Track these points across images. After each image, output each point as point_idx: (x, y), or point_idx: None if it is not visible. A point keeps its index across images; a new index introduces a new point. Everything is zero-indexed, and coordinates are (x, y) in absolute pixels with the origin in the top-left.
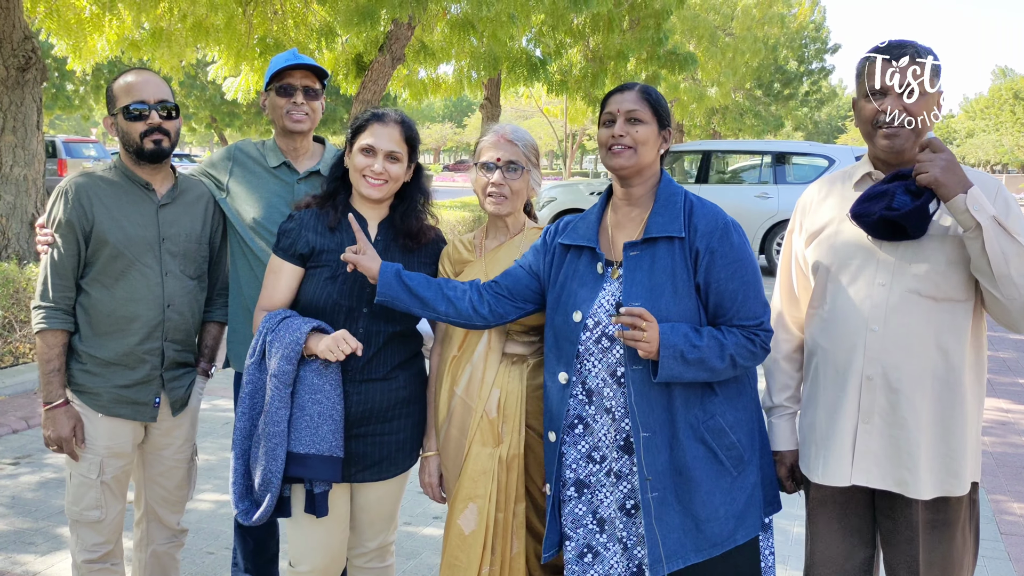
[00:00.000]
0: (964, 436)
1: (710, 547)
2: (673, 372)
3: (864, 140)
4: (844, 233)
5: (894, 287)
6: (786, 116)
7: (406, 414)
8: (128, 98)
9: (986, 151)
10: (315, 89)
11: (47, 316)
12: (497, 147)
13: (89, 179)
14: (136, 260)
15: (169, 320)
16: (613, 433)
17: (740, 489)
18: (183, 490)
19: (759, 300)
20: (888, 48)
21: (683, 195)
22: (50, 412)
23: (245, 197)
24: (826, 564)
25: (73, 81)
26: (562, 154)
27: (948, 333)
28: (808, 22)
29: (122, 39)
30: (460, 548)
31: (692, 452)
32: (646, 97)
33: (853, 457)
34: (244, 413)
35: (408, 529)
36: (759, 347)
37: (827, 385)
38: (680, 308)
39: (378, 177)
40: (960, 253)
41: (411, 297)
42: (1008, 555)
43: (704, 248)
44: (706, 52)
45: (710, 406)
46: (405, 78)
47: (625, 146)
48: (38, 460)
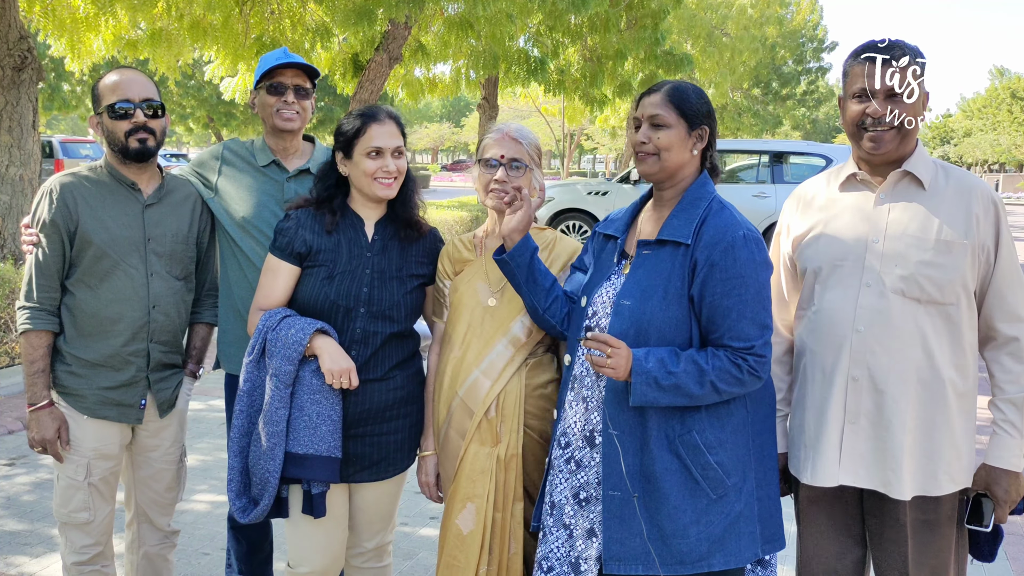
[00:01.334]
0: (947, 438)
1: (677, 563)
2: (647, 397)
3: (849, 140)
4: (831, 234)
5: (879, 288)
6: (784, 115)
7: (404, 414)
8: (113, 97)
9: (984, 150)
10: (306, 88)
11: (31, 317)
12: (502, 144)
13: (74, 179)
14: (121, 260)
15: (155, 321)
16: (582, 423)
17: (719, 513)
18: (173, 492)
19: (755, 322)
20: (875, 48)
21: (708, 201)
22: (34, 413)
23: (234, 196)
24: (817, 563)
25: (69, 81)
26: (560, 154)
27: (932, 335)
28: (805, 21)
29: (119, 39)
30: (458, 548)
31: (663, 463)
32: (671, 99)
33: (840, 458)
34: (242, 411)
35: (405, 529)
36: (746, 373)
37: (815, 386)
38: (667, 315)
39: (391, 176)
40: (946, 258)
41: (529, 271)
42: (1006, 555)
43: (703, 260)
44: (703, 52)
45: (689, 421)
46: (402, 77)
47: (648, 153)
48: (33, 461)
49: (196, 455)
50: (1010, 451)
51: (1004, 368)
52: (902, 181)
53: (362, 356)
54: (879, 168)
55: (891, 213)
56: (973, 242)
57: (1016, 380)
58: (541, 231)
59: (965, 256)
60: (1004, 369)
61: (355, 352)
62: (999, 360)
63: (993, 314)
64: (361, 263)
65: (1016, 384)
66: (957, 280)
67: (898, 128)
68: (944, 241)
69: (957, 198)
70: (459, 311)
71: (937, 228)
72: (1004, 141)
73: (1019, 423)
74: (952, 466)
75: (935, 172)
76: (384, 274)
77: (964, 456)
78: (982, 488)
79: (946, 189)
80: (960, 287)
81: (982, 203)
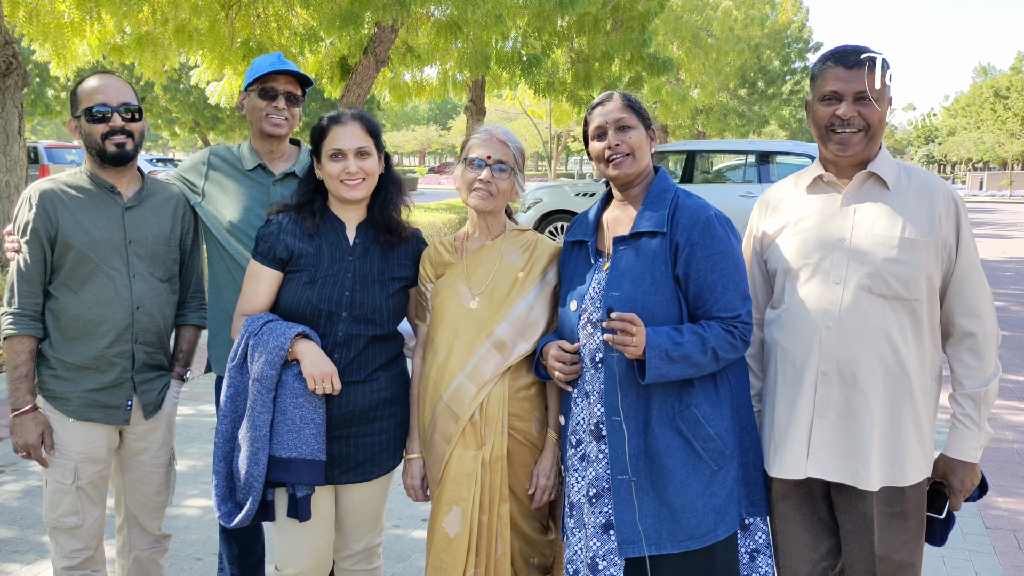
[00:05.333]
0: (912, 429)
1: (687, 539)
2: (660, 371)
3: (817, 142)
4: (800, 234)
5: (847, 285)
6: (770, 115)
7: (388, 415)
8: (90, 101)
9: (967, 149)
10: (296, 96)
11: (14, 322)
12: (488, 145)
13: (53, 184)
14: (102, 263)
15: (139, 322)
16: (589, 417)
17: (720, 483)
18: (162, 495)
19: (738, 293)
20: (843, 53)
21: (673, 192)
22: (18, 418)
23: (221, 200)
24: (793, 555)
25: (54, 86)
26: (547, 156)
27: (897, 330)
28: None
29: (104, 43)
30: (445, 551)
31: (665, 441)
32: (629, 104)
33: (808, 451)
34: (226, 416)
35: (397, 532)
36: (738, 339)
37: (785, 382)
38: (658, 298)
39: (354, 177)
40: (910, 255)
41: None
42: (994, 549)
43: (684, 241)
44: (689, 53)
45: (687, 397)
46: (389, 81)
47: (623, 154)
48: (23, 468)
49: (187, 460)
50: (968, 444)
51: (963, 363)
52: (867, 182)
53: (345, 359)
54: (845, 170)
55: (857, 213)
56: (936, 240)
57: (974, 375)
58: (522, 233)
59: (928, 253)
60: (963, 364)
61: (338, 355)
62: (959, 356)
63: (953, 309)
64: (343, 267)
65: (974, 379)
66: (922, 276)
67: (865, 130)
68: (908, 239)
69: (920, 197)
70: (441, 314)
71: (901, 227)
72: (988, 139)
73: (977, 417)
74: (916, 457)
75: (899, 173)
76: (366, 278)
77: (927, 446)
78: (939, 477)
79: (909, 189)
80: (924, 283)
81: (944, 202)
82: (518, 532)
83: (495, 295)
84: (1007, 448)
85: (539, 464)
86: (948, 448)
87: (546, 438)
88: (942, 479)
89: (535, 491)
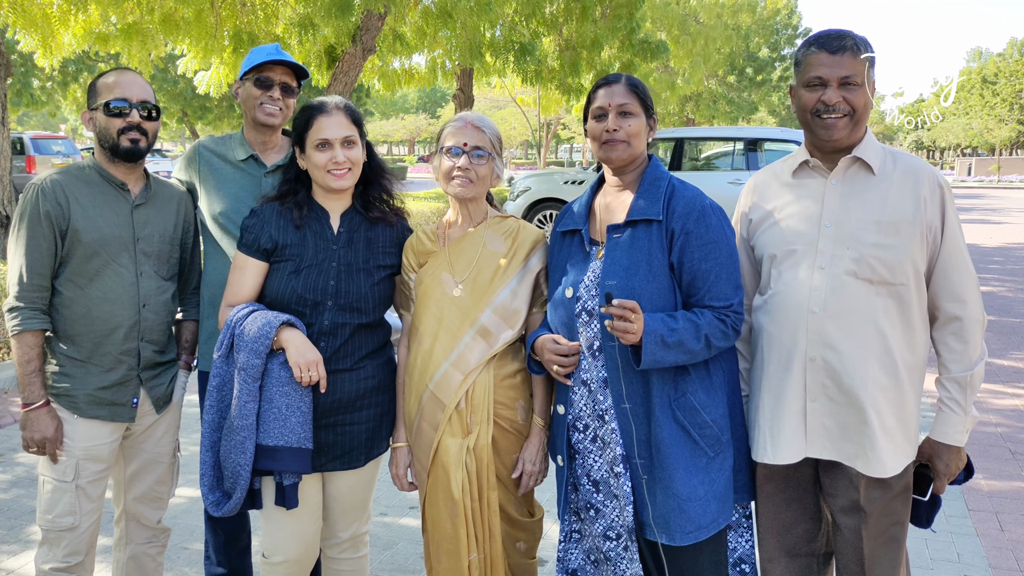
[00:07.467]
0: (900, 413)
1: (696, 530)
2: (655, 357)
3: (802, 127)
4: (786, 220)
5: (832, 270)
6: (759, 102)
7: (375, 403)
8: (110, 94)
9: (956, 134)
10: (292, 87)
11: (24, 318)
12: (464, 133)
13: (65, 176)
14: (111, 260)
15: (145, 320)
16: (592, 404)
17: (719, 471)
18: (165, 485)
19: (731, 283)
20: (827, 38)
21: (667, 180)
22: (32, 413)
23: (213, 194)
24: (770, 534)
25: (39, 77)
26: (537, 144)
27: (883, 315)
28: (779, 9)
29: (90, 33)
30: (443, 539)
31: (668, 430)
32: (634, 89)
33: (806, 433)
34: (212, 406)
35: (385, 520)
36: (730, 328)
37: (773, 368)
38: (654, 286)
39: (342, 167)
40: (895, 239)
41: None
42: (976, 531)
43: (679, 229)
44: (677, 40)
45: (682, 385)
46: (378, 69)
47: (619, 140)
48: (8, 460)
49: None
50: (954, 427)
51: (949, 348)
52: (853, 167)
53: (331, 347)
54: (830, 155)
55: (842, 198)
56: (921, 224)
57: (960, 359)
58: (504, 219)
59: (914, 237)
60: (949, 348)
61: (324, 344)
62: (944, 340)
63: (939, 294)
64: (327, 256)
65: (960, 363)
66: (907, 261)
67: (850, 115)
68: (893, 223)
69: (905, 182)
70: (425, 303)
71: (887, 211)
72: (976, 125)
73: (963, 401)
74: (905, 441)
75: (884, 157)
76: (351, 267)
77: (913, 430)
78: (925, 460)
79: (894, 173)
80: (910, 267)
81: (928, 186)
82: (506, 517)
83: (478, 282)
84: (991, 432)
85: (525, 450)
86: (934, 432)
87: (532, 425)
88: (928, 462)
89: (521, 476)
